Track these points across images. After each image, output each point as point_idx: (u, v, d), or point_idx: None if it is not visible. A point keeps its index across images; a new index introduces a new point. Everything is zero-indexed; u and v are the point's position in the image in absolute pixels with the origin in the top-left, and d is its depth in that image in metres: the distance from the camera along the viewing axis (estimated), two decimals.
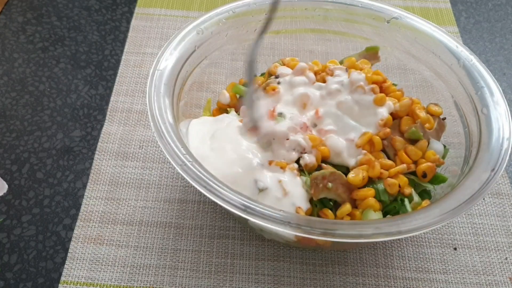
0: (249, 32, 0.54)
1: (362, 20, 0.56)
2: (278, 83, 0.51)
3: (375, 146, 0.47)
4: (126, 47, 0.67)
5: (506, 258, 0.50)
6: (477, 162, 0.43)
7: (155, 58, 0.48)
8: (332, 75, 0.51)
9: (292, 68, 0.52)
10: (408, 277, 0.48)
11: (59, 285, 0.46)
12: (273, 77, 0.52)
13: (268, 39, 0.58)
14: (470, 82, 0.49)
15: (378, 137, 0.47)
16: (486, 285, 0.48)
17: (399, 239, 0.51)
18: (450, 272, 0.49)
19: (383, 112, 0.48)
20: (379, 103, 0.48)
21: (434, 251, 0.50)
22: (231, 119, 0.49)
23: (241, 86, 0.53)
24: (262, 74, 0.55)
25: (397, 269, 0.49)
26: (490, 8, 0.77)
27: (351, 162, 0.47)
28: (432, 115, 0.50)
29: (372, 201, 0.44)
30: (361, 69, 0.50)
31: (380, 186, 0.45)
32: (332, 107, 0.49)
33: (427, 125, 0.48)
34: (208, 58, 0.53)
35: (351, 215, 0.45)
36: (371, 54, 0.55)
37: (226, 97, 0.53)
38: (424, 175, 0.46)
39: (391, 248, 0.50)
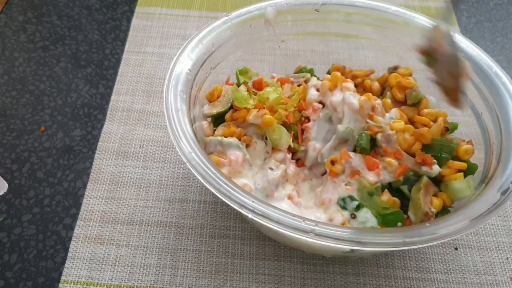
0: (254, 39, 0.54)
1: (363, 20, 0.55)
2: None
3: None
4: (126, 46, 0.67)
5: (507, 258, 0.50)
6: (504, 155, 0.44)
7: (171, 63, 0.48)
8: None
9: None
10: (409, 277, 0.48)
11: (60, 284, 0.46)
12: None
13: (269, 44, 0.57)
14: (477, 75, 0.50)
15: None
16: (487, 285, 0.48)
17: None
18: (451, 272, 0.49)
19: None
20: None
21: (435, 250, 0.50)
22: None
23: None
24: None
25: (398, 269, 0.49)
26: (491, 7, 0.77)
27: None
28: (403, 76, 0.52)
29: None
30: None
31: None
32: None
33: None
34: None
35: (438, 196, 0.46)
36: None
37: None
38: (447, 129, 0.47)
39: None
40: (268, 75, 0.56)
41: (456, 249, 0.50)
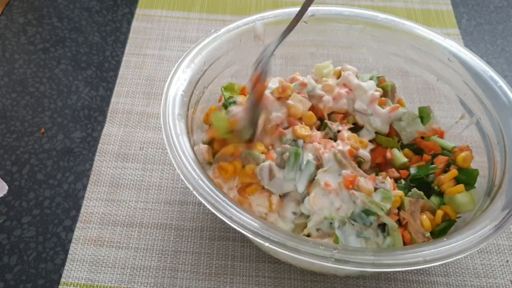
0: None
1: (353, 29, 0.55)
2: None
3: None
4: (126, 48, 0.67)
5: (507, 261, 0.50)
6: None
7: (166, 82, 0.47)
8: None
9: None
10: (409, 280, 0.48)
11: (59, 286, 0.46)
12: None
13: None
14: (474, 80, 0.49)
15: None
16: None
17: None
18: (451, 275, 0.49)
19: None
20: None
21: None
22: None
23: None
24: None
25: (398, 271, 0.48)
26: (491, 10, 0.77)
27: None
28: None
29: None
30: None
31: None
32: None
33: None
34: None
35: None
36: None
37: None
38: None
39: None
40: None
41: None
